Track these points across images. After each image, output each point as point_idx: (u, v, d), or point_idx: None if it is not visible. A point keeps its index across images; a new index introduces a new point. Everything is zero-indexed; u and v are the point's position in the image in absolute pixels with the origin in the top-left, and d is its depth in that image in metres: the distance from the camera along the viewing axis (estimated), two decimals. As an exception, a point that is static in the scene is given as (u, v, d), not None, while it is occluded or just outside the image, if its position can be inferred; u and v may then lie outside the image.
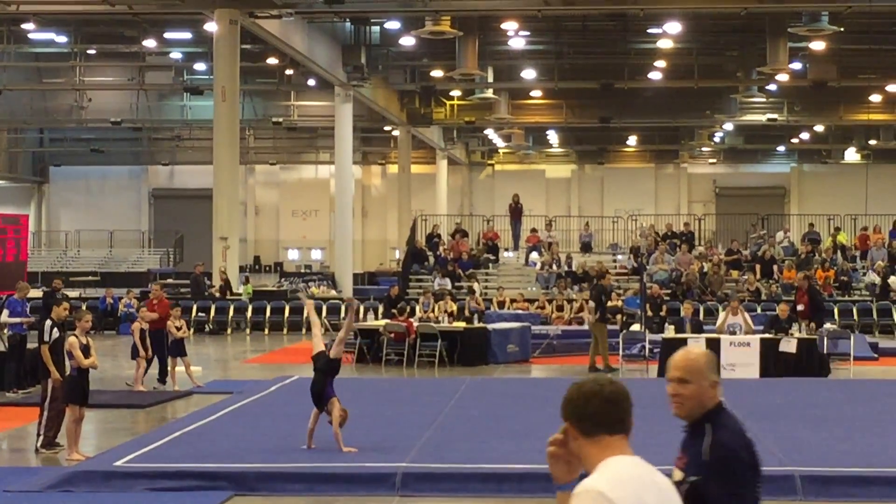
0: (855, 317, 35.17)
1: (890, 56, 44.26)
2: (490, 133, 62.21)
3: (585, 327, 31.79)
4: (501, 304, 34.01)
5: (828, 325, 27.31)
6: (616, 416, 4.07)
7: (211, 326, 35.64)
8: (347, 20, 41.58)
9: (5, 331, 22.14)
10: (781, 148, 65.11)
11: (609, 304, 34.03)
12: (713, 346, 23.54)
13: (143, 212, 67.06)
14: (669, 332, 24.76)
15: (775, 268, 38.81)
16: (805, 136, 60.39)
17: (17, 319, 21.30)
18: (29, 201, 66.33)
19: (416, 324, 27.11)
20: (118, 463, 13.33)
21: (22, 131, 63.74)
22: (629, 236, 48.43)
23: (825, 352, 24.46)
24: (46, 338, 15.31)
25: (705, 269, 38.00)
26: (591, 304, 26.44)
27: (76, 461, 14.18)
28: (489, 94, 50.02)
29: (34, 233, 60.38)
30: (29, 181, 66.66)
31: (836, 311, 34.81)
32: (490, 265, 41.89)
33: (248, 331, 36.08)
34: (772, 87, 48.00)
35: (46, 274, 49.30)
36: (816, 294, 27.98)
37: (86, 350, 14.78)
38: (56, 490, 12.56)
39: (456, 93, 52.09)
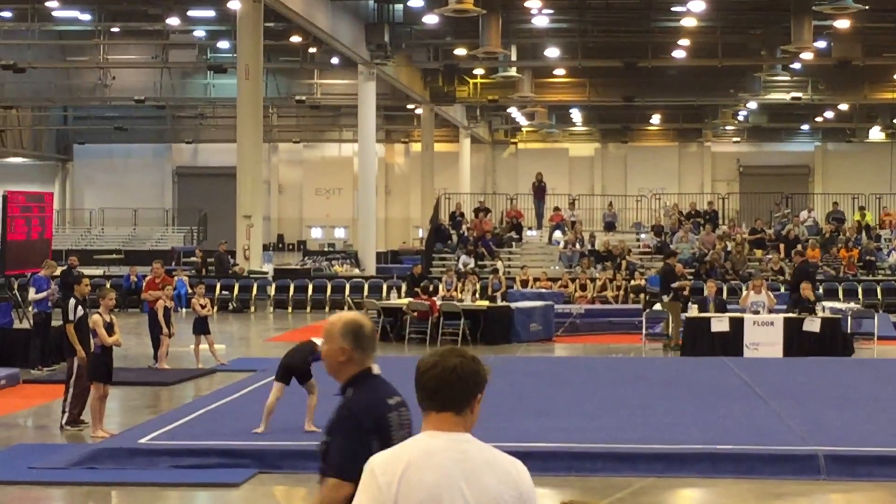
0: (879, 296, 35.04)
1: (915, 34, 44.00)
2: (513, 111, 62.07)
3: (608, 306, 31.89)
4: (525, 283, 33.95)
5: (852, 305, 27.16)
6: (440, 391, 4.19)
7: (235, 304, 35.75)
8: (371, -2, 41.57)
9: (30, 308, 22.22)
10: (805, 127, 64.81)
11: (633, 283, 34.21)
12: (737, 324, 23.52)
13: (166, 190, 67.25)
14: (693, 311, 24.70)
15: (799, 247, 38.62)
16: (829, 114, 60.08)
17: (42, 295, 21.35)
18: (53, 179, 66.59)
19: (439, 302, 27.09)
20: (142, 440, 13.41)
21: (46, 109, 63.94)
22: (653, 215, 48.31)
23: (849, 331, 24.40)
24: (71, 316, 15.33)
25: (729, 249, 37.90)
26: None
27: (101, 438, 14.25)
28: (512, 72, 49.84)
29: (58, 211, 60.59)
30: (53, 159, 66.89)
31: (860, 290, 34.81)
32: (513, 244, 41.84)
33: (271, 309, 36.16)
34: (796, 65, 47.75)
35: (71, 252, 49.45)
36: (801, 276, 26.38)
37: (109, 328, 14.83)
38: (81, 467, 12.64)
39: (479, 71, 51.95)
